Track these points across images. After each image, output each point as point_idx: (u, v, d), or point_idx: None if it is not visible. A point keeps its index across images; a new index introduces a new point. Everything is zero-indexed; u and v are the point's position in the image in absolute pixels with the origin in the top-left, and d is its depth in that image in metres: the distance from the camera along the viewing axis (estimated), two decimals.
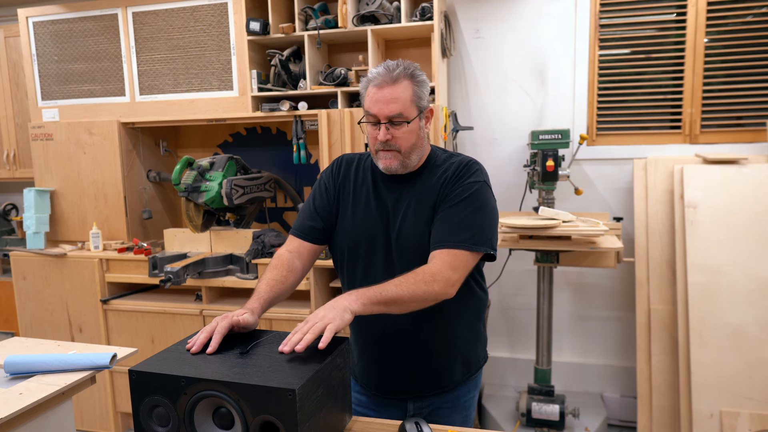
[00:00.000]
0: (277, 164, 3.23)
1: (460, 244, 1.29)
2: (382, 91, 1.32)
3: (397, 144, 1.34)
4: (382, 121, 1.33)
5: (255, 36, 2.73)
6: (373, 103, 1.33)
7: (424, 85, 1.37)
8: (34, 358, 1.22)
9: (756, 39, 2.77)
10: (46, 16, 3.03)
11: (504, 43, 3.02)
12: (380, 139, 1.33)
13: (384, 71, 1.34)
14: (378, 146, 1.36)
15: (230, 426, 0.99)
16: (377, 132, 1.35)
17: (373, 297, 1.19)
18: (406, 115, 1.33)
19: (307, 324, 1.10)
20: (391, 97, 1.32)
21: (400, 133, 1.33)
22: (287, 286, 1.38)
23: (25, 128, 3.51)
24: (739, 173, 2.58)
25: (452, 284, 1.27)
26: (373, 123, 1.35)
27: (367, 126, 1.38)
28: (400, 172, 1.39)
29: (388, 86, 1.32)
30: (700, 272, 2.52)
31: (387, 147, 1.35)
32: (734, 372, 2.42)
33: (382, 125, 1.33)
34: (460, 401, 1.52)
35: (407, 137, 1.35)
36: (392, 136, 1.33)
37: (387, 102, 1.32)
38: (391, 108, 1.32)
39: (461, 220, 1.32)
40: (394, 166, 1.36)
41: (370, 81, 1.35)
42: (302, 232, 1.48)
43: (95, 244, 2.94)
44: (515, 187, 3.04)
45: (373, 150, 1.38)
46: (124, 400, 2.98)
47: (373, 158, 1.41)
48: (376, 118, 1.34)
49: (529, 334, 3.18)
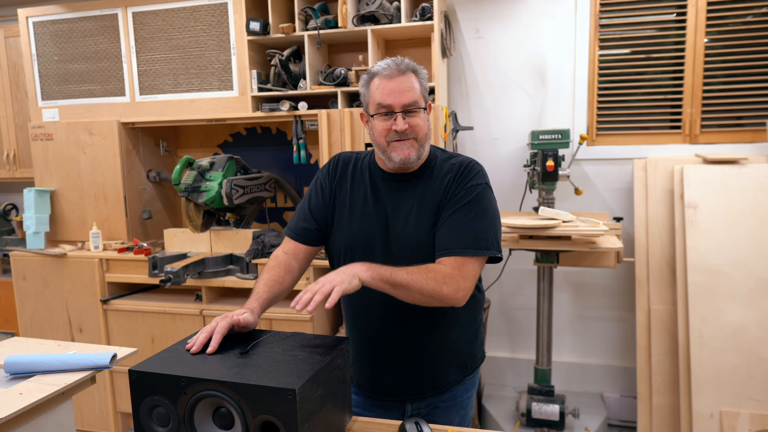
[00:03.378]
0: (277, 164, 3.23)
1: (466, 250, 1.29)
2: (394, 80, 1.32)
3: (414, 132, 1.33)
4: (398, 110, 1.32)
5: (255, 36, 2.73)
6: (386, 94, 1.32)
7: (425, 79, 1.38)
8: (34, 358, 1.22)
9: (756, 39, 2.77)
10: (46, 16, 3.03)
11: (504, 43, 3.02)
12: (399, 128, 1.31)
13: (392, 63, 1.34)
14: (392, 137, 1.33)
15: (230, 426, 0.99)
16: (390, 123, 1.32)
17: (383, 274, 1.20)
18: (420, 104, 1.34)
19: (317, 284, 1.12)
20: (405, 87, 1.32)
21: (416, 121, 1.33)
22: (285, 286, 1.38)
23: (25, 128, 3.51)
24: (739, 173, 2.58)
25: (462, 291, 1.27)
26: (385, 115, 1.33)
27: (377, 120, 1.35)
28: (414, 164, 1.37)
29: (399, 76, 1.32)
30: (700, 272, 2.52)
31: (404, 136, 1.33)
32: (734, 372, 2.42)
33: (399, 115, 1.32)
34: (457, 401, 1.51)
35: (422, 125, 1.35)
36: (409, 125, 1.32)
37: (402, 91, 1.31)
38: (407, 96, 1.31)
39: (465, 225, 1.31)
40: (412, 156, 1.34)
41: (377, 74, 1.34)
42: (297, 233, 1.47)
43: (95, 244, 2.94)
44: (515, 187, 3.04)
45: (385, 143, 1.35)
46: (124, 400, 2.98)
47: (383, 153, 1.37)
48: (391, 109, 1.32)
49: (529, 334, 3.18)
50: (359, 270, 1.18)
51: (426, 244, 1.35)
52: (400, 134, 1.32)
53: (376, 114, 1.35)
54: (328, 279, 1.14)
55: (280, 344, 1.14)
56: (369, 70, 1.39)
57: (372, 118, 1.37)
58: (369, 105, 1.38)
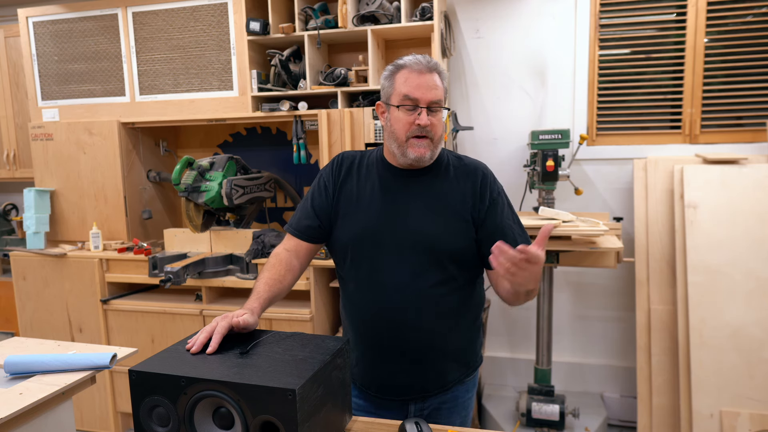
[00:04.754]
0: (277, 164, 3.23)
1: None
2: (423, 76, 1.32)
3: (432, 131, 1.34)
4: (423, 105, 1.32)
5: (255, 36, 2.73)
6: (415, 87, 1.32)
7: (447, 82, 1.40)
8: (34, 358, 1.22)
9: (756, 39, 2.77)
10: (46, 16, 3.03)
11: (504, 43, 3.02)
12: (422, 123, 1.31)
13: (423, 59, 1.34)
14: (413, 132, 1.33)
15: (230, 426, 0.99)
16: (414, 117, 1.32)
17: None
18: (443, 104, 1.35)
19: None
20: (434, 84, 1.33)
21: (436, 121, 1.34)
22: (285, 284, 1.38)
23: (25, 128, 3.51)
24: (739, 173, 2.58)
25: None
26: (410, 108, 1.33)
27: (400, 112, 1.34)
28: (426, 163, 1.38)
29: (428, 73, 1.33)
30: (700, 272, 2.52)
31: (424, 133, 1.33)
32: (734, 372, 2.42)
33: (424, 110, 1.32)
34: (459, 402, 1.52)
35: (440, 126, 1.36)
36: (430, 122, 1.33)
37: (430, 87, 1.32)
38: (434, 93, 1.32)
39: (515, 232, 1.41)
40: (427, 156, 1.35)
41: (404, 66, 1.34)
42: (299, 231, 1.47)
43: (95, 244, 2.94)
44: (515, 187, 3.04)
45: (404, 137, 1.34)
46: (124, 400, 2.98)
47: (399, 147, 1.36)
48: (417, 103, 1.32)
49: (529, 334, 3.18)
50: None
51: (443, 240, 1.36)
52: (422, 130, 1.33)
53: (400, 106, 1.34)
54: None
55: (280, 344, 1.14)
56: (395, 62, 1.38)
57: (394, 109, 1.36)
58: (392, 96, 1.37)
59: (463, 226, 1.38)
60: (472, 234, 1.39)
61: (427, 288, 1.37)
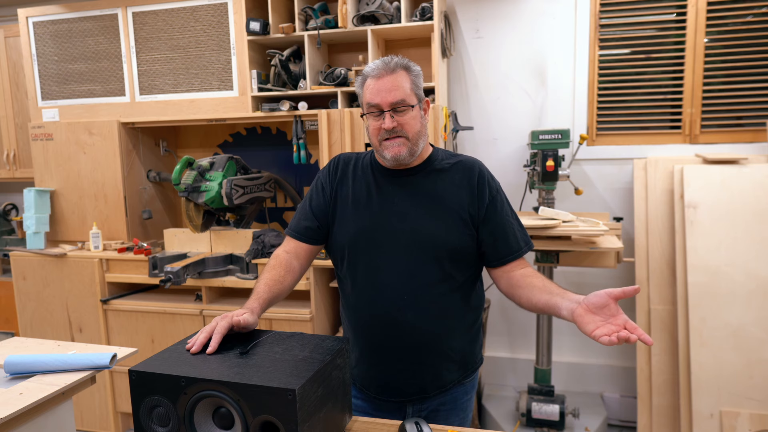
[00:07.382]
0: (277, 164, 3.23)
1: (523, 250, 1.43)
2: (382, 80, 1.34)
3: (404, 130, 1.35)
4: (386, 109, 1.33)
5: (255, 36, 2.73)
6: (374, 93, 1.34)
7: (419, 76, 1.40)
8: (34, 358, 1.22)
9: (756, 39, 2.77)
10: (46, 16, 3.03)
11: (504, 43, 3.02)
12: (386, 127, 1.33)
13: (381, 63, 1.36)
14: (383, 135, 1.36)
15: (230, 426, 0.99)
16: (381, 122, 1.35)
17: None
18: (409, 102, 1.35)
19: None
20: (392, 86, 1.33)
21: (405, 119, 1.35)
22: (285, 286, 1.38)
23: (25, 128, 3.51)
24: (739, 173, 2.58)
25: None
26: (376, 114, 1.35)
27: (369, 119, 1.38)
28: (408, 161, 1.39)
29: (387, 75, 1.34)
30: (700, 272, 2.52)
31: (393, 134, 1.35)
32: (734, 372, 2.42)
33: (386, 113, 1.33)
34: (458, 403, 1.51)
35: (412, 123, 1.36)
36: (398, 123, 1.34)
37: (389, 90, 1.33)
38: (394, 95, 1.33)
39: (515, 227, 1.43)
40: (403, 154, 1.36)
41: (368, 75, 1.37)
42: (298, 232, 1.48)
43: (95, 244, 2.94)
44: (515, 187, 3.04)
45: (377, 142, 1.38)
46: (124, 400, 2.98)
47: (377, 152, 1.40)
48: (379, 108, 1.34)
49: (529, 334, 3.18)
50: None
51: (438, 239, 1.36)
52: (390, 132, 1.35)
53: (368, 113, 1.38)
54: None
55: (280, 344, 1.14)
56: (362, 71, 1.41)
57: (366, 117, 1.40)
58: (363, 105, 1.40)
59: (460, 223, 1.38)
60: (469, 231, 1.39)
61: (424, 287, 1.37)
